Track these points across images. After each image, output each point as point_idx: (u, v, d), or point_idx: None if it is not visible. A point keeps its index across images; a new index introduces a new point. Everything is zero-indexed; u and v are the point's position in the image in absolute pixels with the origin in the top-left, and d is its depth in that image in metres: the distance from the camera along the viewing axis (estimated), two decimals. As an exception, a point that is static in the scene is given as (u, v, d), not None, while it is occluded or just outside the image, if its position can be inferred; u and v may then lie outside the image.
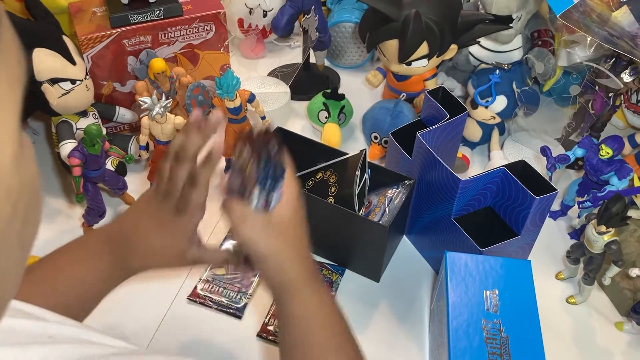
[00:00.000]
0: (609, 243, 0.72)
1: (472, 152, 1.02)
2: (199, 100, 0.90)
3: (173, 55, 0.97)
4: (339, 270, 0.82)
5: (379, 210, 0.79)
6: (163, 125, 0.82)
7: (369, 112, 1.01)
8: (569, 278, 0.83)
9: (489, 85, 0.93)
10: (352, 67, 1.22)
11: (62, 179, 0.95)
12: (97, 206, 0.82)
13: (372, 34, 0.92)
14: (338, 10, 1.18)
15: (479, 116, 0.96)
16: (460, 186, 0.73)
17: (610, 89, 0.93)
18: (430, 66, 0.94)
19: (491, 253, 0.72)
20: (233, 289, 0.78)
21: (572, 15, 0.85)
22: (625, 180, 0.80)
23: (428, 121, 0.87)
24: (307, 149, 0.85)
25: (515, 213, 0.75)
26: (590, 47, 0.93)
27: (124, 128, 1.01)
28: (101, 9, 0.93)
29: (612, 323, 0.78)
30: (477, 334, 0.62)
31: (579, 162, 0.93)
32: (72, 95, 0.82)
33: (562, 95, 1.02)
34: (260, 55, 1.24)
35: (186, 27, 0.94)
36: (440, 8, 0.88)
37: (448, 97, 0.87)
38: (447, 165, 0.74)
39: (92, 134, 0.75)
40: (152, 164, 0.88)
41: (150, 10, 0.90)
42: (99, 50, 0.90)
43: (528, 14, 0.98)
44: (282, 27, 1.08)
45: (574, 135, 0.99)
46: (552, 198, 0.71)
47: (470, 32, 0.92)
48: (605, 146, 0.80)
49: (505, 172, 0.74)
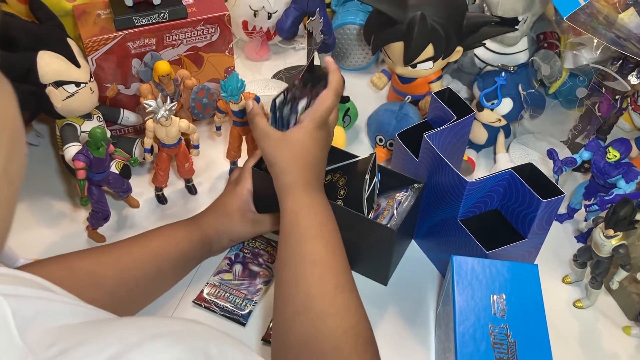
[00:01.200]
0: (617, 247, 0.72)
1: (478, 154, 1.01)
2: (203, 102, 0.90)
3: (177, 57, 0.96)
4: (344, 273, 0.81)
5: (388, 213, 0.79)
6: (168, 128, 0.82)
7: (373, 115, 1.00)
8: (576, 282, 0.82)
9: (495, 88, 0.93)
10: (356, 70, 1.21)
11: (66, 182, 0.95)
12: (101, 209, 0.82)
13: (377, 36, 0.92)
14: (343, 13, 1.18)
15: (484, 119, 0.96)
16: (467, 188, 0.72)
17: (617, 91, 0.92)
18: (435, 68, 0.94)
19: (497, 256, 0.71)
20: (239, 294, 0.78)
21: (578, 17, 0.84)
22: (633, 183, 0.79)
23: (434, 123, 0.86)
24: None
25: (522, 216, 0.74)
26: (597, 49, 0.92)
27: (129, 131, 1.01)
28: (105, 11, 0.93)
29: (619, 327, 0.77)
30: (484, 339, 0.61)
31: (585, 165, 0.93)
32: (76, 98, 0.82)
33: (569, 98, 1.02)
34: (265, 57, 1.23)
35: (191, 30, 0.94)
36: (446, 10, 0.88)
37: (455, 98, 0.86)
38: (453, 167, 0.74)
39: (97, 137, 0.75)
40: (157, 167, 0.88)
41: (154, 13, 0.90)
42: (104, 52, 0.90)
43: (534, 16, 0.98)
44: (287, 30, 1.07)
45: (580, 137, 0.99)
46: (559, 202, 0.71)
47: (476, 34, 0.91)
48: (612, 149, 0.79)
49: (513, 174, 0.73)
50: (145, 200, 0.92)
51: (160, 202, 0.92)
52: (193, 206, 0.91)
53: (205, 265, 0.82)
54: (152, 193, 0.93)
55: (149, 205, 0.92)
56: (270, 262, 0.83)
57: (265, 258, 0.83)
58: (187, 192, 0.94)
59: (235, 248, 0.84)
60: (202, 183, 0.96)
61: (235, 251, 0.84)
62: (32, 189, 0.93)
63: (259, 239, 0.86)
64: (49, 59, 0.79)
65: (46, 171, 0.97)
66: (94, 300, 0.44)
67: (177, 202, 0.93)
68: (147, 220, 0.89)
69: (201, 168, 0.97)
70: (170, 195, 0.93)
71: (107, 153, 0.78)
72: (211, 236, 0.80)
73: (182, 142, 0.87)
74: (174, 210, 0.91)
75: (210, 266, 0.82)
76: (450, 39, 0.89)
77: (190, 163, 0.90)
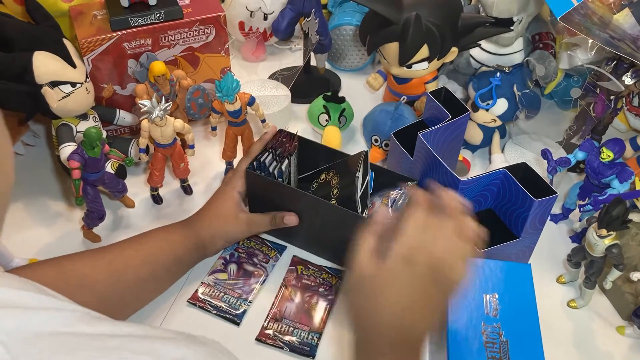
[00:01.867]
0: (610, 246, 0.72)
1: (473, 155, 1.01)
2: (199, 103, 0.90)
3: (173, 58, 0.97)
4: (339, 273, 0.82)
5: None
6: (163, 128, 0.82)
7: (369, 115, 1.01)
8: (570, 282, 0.82)
9: (490, 88, 0.93)
10: (352, 70, 1.22)
11: (62, 182, 0.95)
12: (97, 209, 0.82)
13: (372, 37, 0.92)
14: (339, 13, 1.18)
15: (479, 119, 0.96)
16: (460, 186, 0.72)
17: (611, 91, 0.92)
18: (430, 69, 0.94)
19: (490, 255, 0.71)
20: (234, 294, 0.78)
21: (573, 18, 0.84)
22: (627, 183, 0.80)
23: (430, 122, 0.87)
24: (310, 151, 0.85)
25: (515, 215, 0.74)
26: (592, 49, 0.92)
27: (124, 131, 1.01)
28: (102, 12, 0.93)
29: (613, 327, 0.77)
30: (476, 338, 0.61)
31: (580, 165, 0.93)
32: (72, 98, 0.82)
33: (564, 98, 1.02)
34: (261, 58, 1.24)
35: (186, 30, 0.94)
36: (441, 11, 0.88)
37: (450, 98, 0.86)
38: (448, 166, 0.74)
39: (92, 137, 0.75)
40: (152, 167, 0.88)
41: (150, 14, 0.90)
42: (100, 53, 0.90)
43: (529, 17, 0.98)
44: (283, 30, 1.08)
45: (575, 138, 0.99)
46: (552, 201, 0.71)
47: (471, 34, 0.92)
48: (606, 149, 0.79)
49: (506, 174, 0.74)
50: (141, 200, 0.93)
51: (156, 202, 0.92)
52: (188, 206, 0.91)
53: (200, 265, 0.82)
54: (148, 193, 0.93)
55: (145, 205, 0.92)
56: (264, 261, 0.83)
57: (260, 258, 0.83)
58: (183, 192, 0.94)
59: (230, 248, 0.84)
60: (198, 183, 0.96)
61: (230, 251, 0.84)
62: (27, 188, 0.93)
63: (254, 239, 0.86)
64: (44, 59, 0.79)
65: (42, 171, 0.97)
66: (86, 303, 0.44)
67: (172, 202, 0.93)
68: (143, 220, 0.89)
69: (197, 168, 0.97)
70: (165, 195, 0.93)
71: (102, 153, 0.78)
72: (205, 239, 0.80)
73: (178, 142, 0.87)
74: (169, 210, 0.91)
75: (205, 266, 0.82)
76: (445, 39, 0.89)
77: (186, 163, 0.90)
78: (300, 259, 0.84)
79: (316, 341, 0.73)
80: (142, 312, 0.75)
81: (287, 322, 0.75)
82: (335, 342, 0.74)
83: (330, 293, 0.79)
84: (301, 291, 0.79)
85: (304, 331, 0.74)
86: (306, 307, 0.77)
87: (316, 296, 0.78)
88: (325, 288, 0.79)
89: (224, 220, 0.81)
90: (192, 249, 0.79)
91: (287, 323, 0.75)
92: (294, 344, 0.72)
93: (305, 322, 0.75)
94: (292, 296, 0.78)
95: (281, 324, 0.75)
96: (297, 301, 0.77)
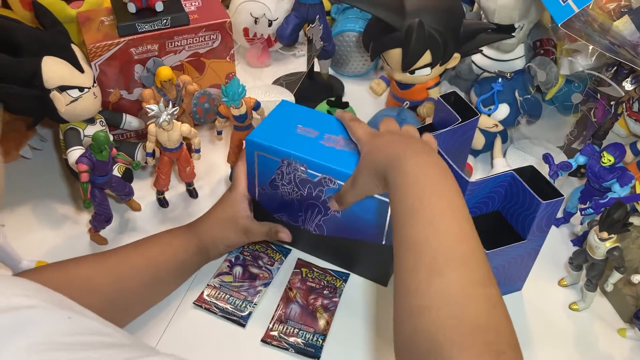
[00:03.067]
0: (611, 249, 0.73)
1: (475, 160, 1.03)
2: (205, 107, 0.91)
3: (179, 63, 0.98)
4: (342, 276, 0.82)
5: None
6: (170, 132, 0.83)
7: (372, 120, 1.01)
8: (571, 284, 0.83)
9: (492, 94, 0.94)
10: (356, 76, 1.23)
11: (69, 186, 0.96)
12: (104, 212, 0.83)
13: (375, 43, 0.93)
14: (342, 20, 1.20)
15: (481, 124, 0.97)
16: (469, 187, 0.73)
17: (612, 97, 0.93)
18: (433, 75, 0.95)
19: (496, 256, 0.72)
20: (239, 296, 0.79)
21: (573, 25, 0.86)
22: (627, 187, 0.81)
23: (440, 125, 0.88)
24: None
25: (522, 217, 0.75)
26: (592, 55, 0.94)
27: (131, 135, 1.02)
28: (109, 18, 0.95)
29: (614, 329, 0.78)
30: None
31: (581, 169, 0.94)
32: (80, 103, 0.83)
33: (565, 104, 1.03)
34: (266, 63, 1.25)
35: (192, 36, 0.95)
36: (443, 17, 0.89)
37: (461, 102, 0.87)
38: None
39: (100, 141, 0.76)
40: (158, 170, 0.89)
41: (157, 20, 0.92)
42: (107, 58, 0.91)
43: (530, 23, 0.99)
44: (287, 36, 1.09)
45: (576, 143, 1.00)
46: (559, 204, 0.72)
47: (473, 41, 0.93)
48: (607, 153, 0.80)
49: (514, 176, 0.74)
50: (147, 203, 0.94)
51: (162, 206, 0.93)
52: (194, 210, 0.92)
53: (206, 268, 0.83)
54: (154, 196, 0.94)
55: (151, 208, 0.93)
56: (269, 264, 0.84)
57: (265, 260, 0.84)
58: (188, 196, 0.95)
59: (235, 250, 0.85)
60: (203, 187, 0.97)
61: (235, 254, 0.85)
62: (35, 192, 0.94)
63: (259, 242, 0.87)
64: (53, 64, 0.81)
65: (49, 175, 0.98)
66: (91, 306, 0.44)
67: (178, 206, 0.94)
68: (149, 224, 0.90)
69: (202, 172, 0.98)
70: (171, 199, 0.94)
71: (110, 156, 0.79)
72: (208, 243, 0.81)
73: (184, 146, 0.88)
74: (175, 214, 0.92)
75: (210, 268, 0.83)
76: (447, 45, 0.90)
77: (192, 167, 0.91)
78: (304, 261, 0.85)
79: (321, 343, 0.74)
80: (148, 314, 0.76)
81: (292, 323, 0.76)
82: (340, 344, 0.74)
83: (335, 295, 0.80)
84: (306, 293, 0.80)
85: (309, 332, 0.75)
86: (311, 309, 0.78)
87: (321, 298, 0.79)
88: (330, 290, 0.80)
89: (224, 226, 0.81)
90: (195, 252, 0.79)
91: (292, 325, 0.75)
92: (299, 345, 0.73)
93: (310, 324, 0.76)
94: (296, 298, 0.79)
95: (286, 325, 0.75)
96: (302, 303, 0.78)
